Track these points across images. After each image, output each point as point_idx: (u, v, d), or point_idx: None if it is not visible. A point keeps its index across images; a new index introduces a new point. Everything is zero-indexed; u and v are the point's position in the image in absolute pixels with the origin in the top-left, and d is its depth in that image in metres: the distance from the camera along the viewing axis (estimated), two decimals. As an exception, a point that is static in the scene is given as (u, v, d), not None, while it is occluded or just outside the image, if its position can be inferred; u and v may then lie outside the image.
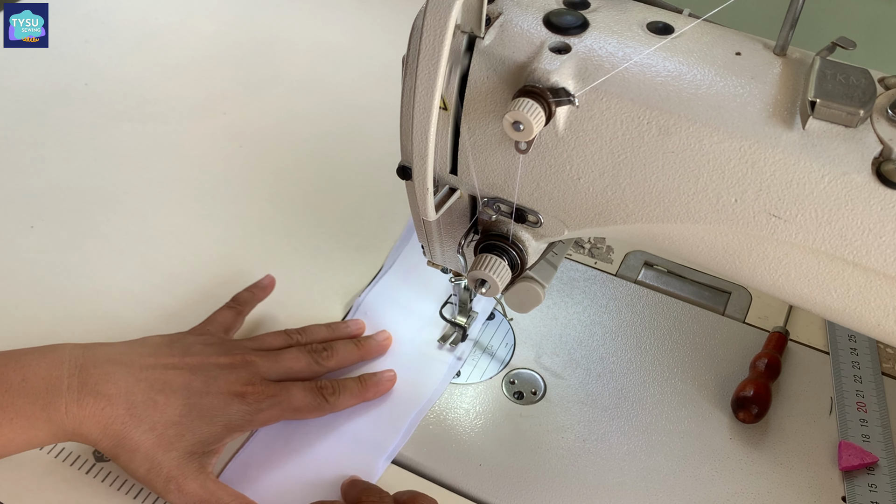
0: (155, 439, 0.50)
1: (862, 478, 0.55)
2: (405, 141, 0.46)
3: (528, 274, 0.51)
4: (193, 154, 0.80)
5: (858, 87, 0.38)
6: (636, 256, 0.71)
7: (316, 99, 0.87)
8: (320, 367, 0.58)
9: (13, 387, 0.48)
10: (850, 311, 0.41)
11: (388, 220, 0.73)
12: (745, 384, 0.59)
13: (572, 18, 0.42)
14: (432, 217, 0.45)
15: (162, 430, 0.50)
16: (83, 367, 0.50)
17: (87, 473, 0.54)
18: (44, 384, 0.49)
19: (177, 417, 0.51)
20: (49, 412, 0.48)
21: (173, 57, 0.91)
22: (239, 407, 0.52)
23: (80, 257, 0.68)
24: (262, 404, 0.53)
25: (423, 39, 0.38)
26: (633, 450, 0.57)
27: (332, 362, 0.58)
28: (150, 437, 0.50)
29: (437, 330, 0.64)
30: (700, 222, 0.41)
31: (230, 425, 0.52)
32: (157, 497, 0.52)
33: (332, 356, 0.59)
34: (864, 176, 0.37)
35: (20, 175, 0.76)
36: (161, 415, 0.50)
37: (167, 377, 0.52)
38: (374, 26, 0.97)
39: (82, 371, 0.50)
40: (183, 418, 0.51)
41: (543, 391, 0.60)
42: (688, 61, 0.41)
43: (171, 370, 0.52)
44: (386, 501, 0.50)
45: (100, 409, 0.49)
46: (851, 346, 0.63)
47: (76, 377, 0.49)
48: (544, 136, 0.42)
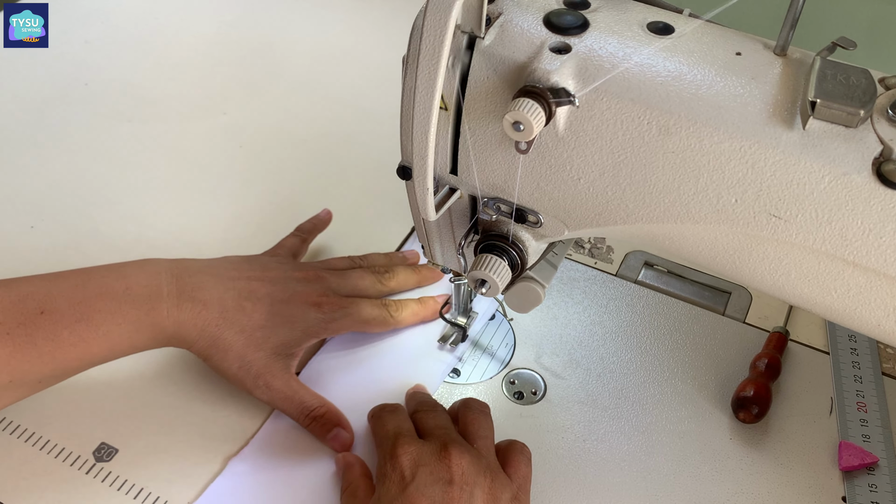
0: (245, 340, 0.55)
1: (862, 478, 0.55)
2: (405, 141, 0.46)
3: (528, 274, 0.51)
4: (193, 154, 0.80)
5: (859, 88, 0.38)
6: (636, 256, 0.71)
7: (316, 99, 0.87)
8: (382, 286, 0.63)
9: (118, 295, 0.52)
10: (850, 311, 0.41)
11: (388, 220, 0.73)
12: (745, 384, 0.59)
13: (572, 18, 0.42)
14: (432, 217, 0.45)
15: (251, 333, 0.55)
16: (179, 276, 0.54)
17: (87, 473, 0.54)
18: (146, 291, 0.53)
19: (263, 321, 0.56)
20: (153, 317, 0.53)
21: (173, 57, 0.91)
22: (315, 315, 0.57)
23: (80, 257, 0.68)
24: (335, 314, 0.58)
25: (423, 39, 0.38)
26: (633, 450, 0.57)
27: (393, 283, 0.64)
28: (240, 338, 0.55)
29: (437, 330, 0.64)
30: (700, 222, 0.41)
31: (308, 331, 0.57)
32: (157, 497, 0.53)
33: (393, 277, 0.64)
34: (865, 176, 0.37)
35: (20, 175, 0.76)
36: (249, 319, 0.55)
37: (252, 287, 0.57)
38: (374, 26, 0.97)
39: (179, 280, 0.54)
40: (268, 322, 0.56)
41: (543, 391, 0.60)
42: (688, 61, 0.41)
43: (254, 281, 0.57)
44: (439, 411, 0.55)
45: (196, 312, 0.54)
46: (851, 346, 0.63)
47: (174, 285, 0.54)
48: (544, 136, 0.42)
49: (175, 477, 0.54)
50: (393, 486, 0.48)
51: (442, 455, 0.49)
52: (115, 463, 0.54)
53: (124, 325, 0.52)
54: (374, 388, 0.59)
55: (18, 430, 0.56)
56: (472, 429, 0.53)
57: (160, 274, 0.54)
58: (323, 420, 0.55)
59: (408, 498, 0.47)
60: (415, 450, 0.50)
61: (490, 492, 0.49)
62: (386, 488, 0.48)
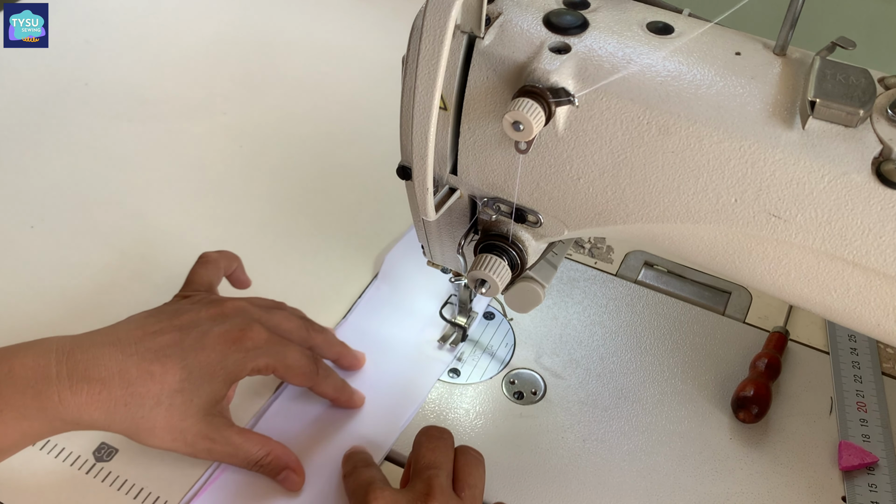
0: (165, 412, 0.49)
1: (862, 478, 0.55)
2: (405, 141, 0.46)
3: (528, 274, 0.51)
4: (193, 154, 0.80)
5: (858, 87, 0.38)
6: (636, 256, 0.71)
7: (316, 99, 0.87)
8: (308, 335, 0.57)
9: (0, 379, 0.47)
10: (850, 311, 0.41)
11: (388, 220, 0.73)
12: (745, 384, 0.59)
13: (572, 18, 0.42)
14: (432, 217, 0.45)
15: (169, 402, 0.50)
16: (70, 354, 0.49)
17: (87, 473, 0.54)
18: (31, 373, 0.48)
19: (178, 384, 0.50)
20: (41, 401, 0.47)
21: (173, 57, 0.91)
22: (235, 355, 0.52)
23: (80, 257, 0.68)
24: (258, 350, 0.52)
25: (423, 39, 0.38)
26: (633, 450, 0.57)
27: (319, 338, 0.58)
28: (159, 411, 0.49)
29: (437, 330, 0.64)
30: (700, 222, 0.41)
31: (229, 377, 0.52)
32: (157, 497, 0.53)
33: (321, 332, 0.58)
34: (864, 176, 0.37)
35: (20, 175, 0.76)
36: (161, 386, 0.49)
37: (157, 344, 0.50)
38: (374, 26, 0.97)
39: (70, 357, 0.49)
40: (185, 383, 0.50)
41: (543, 391, 0.60)
42: (688, 61, 0.41)
43: (161, 336, 0.51)
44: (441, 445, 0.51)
45: (95, 393, 0.48)
46: (851, 345, 0.63)
47: (64, 364, 0.48)
48: (544, 136, 0.42)
49: (175, 477, 0.54)
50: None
51: None
52: (115, 463, 0.54)
53: (7, 412, 0.47)
54: (374, 389, 0.59)
55: (18, 430, 0.56)
56: (462, 475, 0.50)
57: (49, 353, 0.49)
58: (270, 466, 0.53)
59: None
60: (389, 497, 0.47)
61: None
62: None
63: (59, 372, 0.48)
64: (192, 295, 0.56)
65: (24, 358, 0.48)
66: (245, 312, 0.54)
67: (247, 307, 0.54)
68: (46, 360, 0.48)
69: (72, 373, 0.48)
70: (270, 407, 0.58)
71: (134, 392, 0.49)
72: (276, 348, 0.53)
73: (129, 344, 0.50)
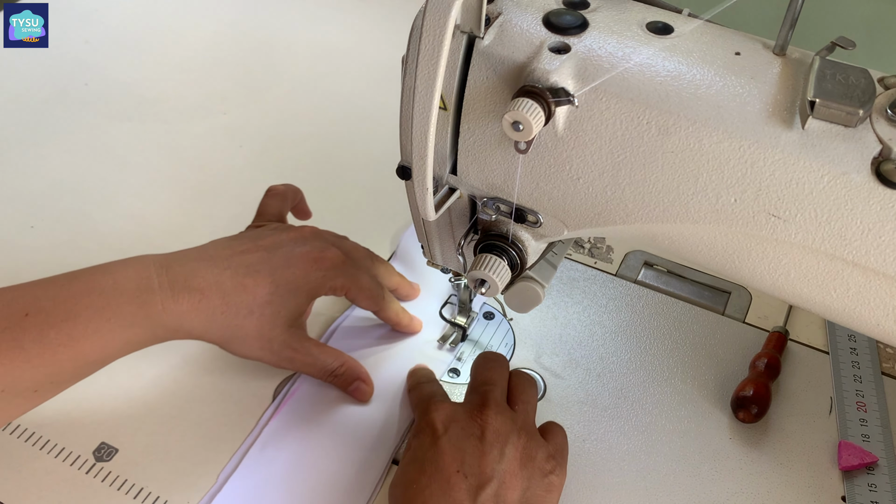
0: (257, 321, 0.54)
1: (862, 478, 0.55)
2: (405, 141, 0.46)
3: (527, 274, 0.51)
4: (193, 154, 0.80)
5: (858, 87, 0.38)
6: (636, 256, 0.71)
7: (316, 99, 0.87)
8: (373, 264, 0.61)
9: (106, 290, 0.50)
10: (849, 311, 0.41)
11: (388, 220, 0.73)
12: (744, 384, 0.59)
13: (572, 18, 0.42)
14: (432, 217, 0.45)
15: (260, 312, 0.54)
16: (169, 267, 0.52)
17: (87, 473, 0.54)
18: (135, 285, 0.51)
19: (268, 296, 0.54)
20: (146, 310, 0.51)
21: (173, 57, 0.91)
22: (316, 273, 0.56)
23: (81, 257, 0.68)
24: (336, 270, 0.57)
25: (423, 39, 0.38)
26: (633, 450, 0.57)
27: (382, 266, 0.63)
28: (251, 320, 0.54)
29: (437, 330, 0.64)
30: (700, 222, 0.41)
31: (311, 292, 0.57)
32: (157, 497, 0.53)
33: (384, 261, 0.63)
34: (864, 176, 0.37)
35: (20, 175, 0.76)
36: (254, 297, 0.54)
37: (247, 261, 0.55)
38: (374, 26, 0.97)
39: (169, 270, 0.52)
40: (274, 296, 0.54)
41: (543, 391, 0.60)
42: (687, 61, 0.41)
43: (249, 254, 0.55)
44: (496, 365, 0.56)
45: (196, 302, 0.52)
46: (851, 345, 0.64)
47: (165, 276, 0.52)
48: (544, 136, 0.42)
49: (175, 477, 0.54)
50: (426, 438, 0.50)
51: (475, 413, 0.51)
52: (115, 463, 0.54)
53: (115, 321, 0.50)
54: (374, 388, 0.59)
55: (18, 430, 0.56)
56: (516, 392, 0.54)
57: (149, 266, 0.52)
58: (344, 377, 0.58)
59: (439, 449, 0.49)
60: (448, 408, 0.52)
61: (524, 450, 0.50)
62: (420, 441, 0.51)
63: (160, 283, 0.51)
64: (266, 224, 0.60)
65: (126, 271, 0.52)
66: (321, 236, 0.59)
67: (322, 232, 0.60)
68: (147, 272, 0.52)
69: (173, 283, 0.52)
70: (337, 331, 0.63)
71: (230, 301, 0.53)
72: (351, 270, 0.58)
73: (221, 259, 0.54)
